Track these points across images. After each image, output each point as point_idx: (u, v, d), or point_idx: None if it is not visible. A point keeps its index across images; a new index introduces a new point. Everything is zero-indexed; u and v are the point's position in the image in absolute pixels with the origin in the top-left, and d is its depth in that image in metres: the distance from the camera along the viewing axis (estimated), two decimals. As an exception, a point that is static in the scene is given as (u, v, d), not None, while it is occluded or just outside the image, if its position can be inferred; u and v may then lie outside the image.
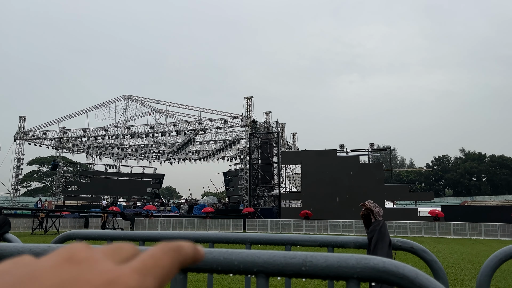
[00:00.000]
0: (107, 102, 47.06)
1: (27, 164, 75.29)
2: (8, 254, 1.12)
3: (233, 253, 1.01)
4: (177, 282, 1.10)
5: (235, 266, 1.00)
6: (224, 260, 1.01)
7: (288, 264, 0.97)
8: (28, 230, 28.55)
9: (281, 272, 0.98)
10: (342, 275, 0.96)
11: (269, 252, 1.00)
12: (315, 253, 0.99)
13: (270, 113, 42.67)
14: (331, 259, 0.96)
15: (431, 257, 1.89)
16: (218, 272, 1.02)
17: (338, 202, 32.97)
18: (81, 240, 2.34)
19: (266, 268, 0.98)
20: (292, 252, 1.00)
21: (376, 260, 0.94)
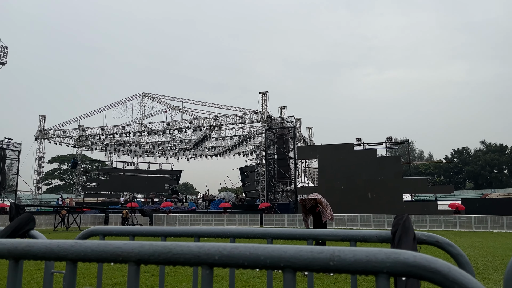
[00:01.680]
0: (124, 100, 47.63)
1: (48, 162, 76.85)
2: (37, 250, 1.14)
3: (259, 247, 1.00)
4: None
5: (262, 261, 0.99)
6: (250, 255, 1.00)
7: (315, 259, 0.96)
8: (51, 227, 29.20)
9: (308, 266, 0.97)
10: (371, 270, 0.94)
11: (295, 246, 0.99)
12: (343, 247, 0.98)
13: (286, 107, 42.55)
14: (359, 254, 0.94)
15: (457, 251, 1.85)
16: (244, 267, 1.02)
17: (355, 197, 32.71)
18: (103, 237, 2.38)
19: (293, 263, 0.97)
20: (319, 246, 0.99)
21: (407, 254, 0.92)
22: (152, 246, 1.05)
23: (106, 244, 1.08)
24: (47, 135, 47.24)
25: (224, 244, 1.03)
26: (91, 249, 1.08)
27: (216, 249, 1.01)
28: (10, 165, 45.75)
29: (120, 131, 44.61)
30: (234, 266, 1.02)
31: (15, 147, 46.23)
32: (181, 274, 8.51)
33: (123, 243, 1.08)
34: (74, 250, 1.10)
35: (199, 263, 1.03)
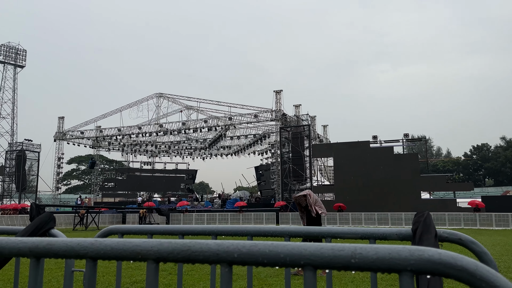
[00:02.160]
0: (140, 101, 48.16)
1: (67, 163, 78.27)
2: (57, 248, 1.15)
3: (278, 245, 0.99)
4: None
5: (281, 259, 0.98)
6: (269, 252, 0.99)
7: (336, 257, 0.94)
8: (70, 226, 29.72)
9: (329, 264, 0.95)
10: (394, 268, 0.91)
11: (316, 244, 0.97)
12: (364, 245, 0.95)
13: (300, 106, 42.37)
14: (382, 251, 0.92)
15: (480, 248, 1.81)
16: (264, 265, 1.00)
17: (372, 195, 32.38)
18: (122, 235, 2.40)
19: (313, 261, 0.96)
20: (340, 244, 0.97)
21: (431, 252, 0.89)
22: (171, 244, 1.05)
23: (125, 242, 1.08)
24: (66, 136, 48.09)
25: (243, 241, 1.02)
26: (110, 247, 1.09)
27: (235, 246, 1.00)
28: (30, 166, 46.74)
29: (137, 131, 45.11)
30: (253, 264, 1.01)
31: (35, 148, 47.22)
32: (198, 272, 8.55)
33: (142, 241, 1.08)
34: (94, 248, 1.10)
35: (218, 261, 1.02)
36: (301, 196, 9.17)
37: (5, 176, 45.22)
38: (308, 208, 9.08)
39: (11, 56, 70.14)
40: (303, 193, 9.27)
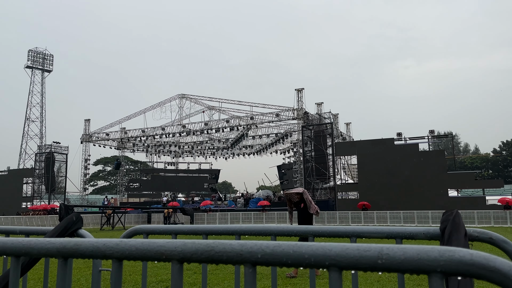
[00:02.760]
0: (163, 102, 48.84)
1: (93, 164, 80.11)
2: (84, 249, 1.17)
3: (302, 246, 0.97)
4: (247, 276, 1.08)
5: (306, 259, 0.96)
6: (293, 253, 0.97)
7: (362, 257, 0.92)
8: (97, 226, 30.43)
9: (355, 265, 0.93)
10: (423, 269, 0.89)
11: (341, 244, 0.95)
12: (392, 245, 0.93)
13: (322, 104, 42.03)
14: (410, 251, 0.89)
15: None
16: (288, 266, 0.99)
17: (397, 193, 31.82)
18: (147, 235, 2.43)
19: (339, 261, 0.94)
20: (366, 244, 0.94)
21: (462, 252, 0.86)
22: (194, 244, 1.05)
23: (150, 242, 1.09)
24: (92, 138, 49.23)
25: (266, 242, 1.01)
26: (135, 247, 1.10)
27: (259, 247, 1.00)
28: (59, 167, 48.09)
29: (160, 132, 45.77)
30: (277, 265, 1.00)
31: (62, 150, 48.55)
32: (222, 271, 8.60)
33: (166, 241, 1.08)
34: (120, 248, 1.11)
35: (241, 261, 1.01)
36: (294, 193, 9.09)
37: (35, 177, 46.67)
38: (301, 206, 8.95)
39: (38, 61, 72.42)
40: (298, 190, 9.17)
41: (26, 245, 1.24)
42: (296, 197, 9.02)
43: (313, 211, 8.81)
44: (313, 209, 8.80)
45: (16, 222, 27.95)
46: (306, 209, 8.89)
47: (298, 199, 9.02)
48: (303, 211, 8.94)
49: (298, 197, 9.00)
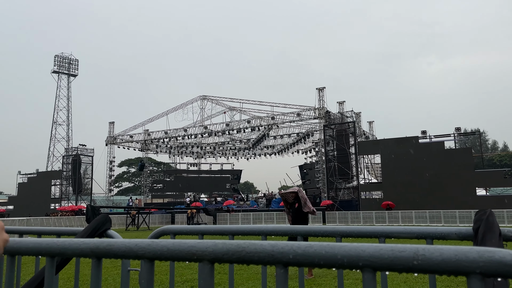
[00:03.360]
0: (185, 104, 49.34)
1: (118, 166, 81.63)
2: (117, 249, 1.19)
3: (335, 246, 0.96)
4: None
5: (338, 260, 0.95)
6: (326, 254, 0.96)
7: (397, 258, 0.90)
8: (123, 226, 30.98)
9: (390, 266, 0.91)
10: (462, 270, 0.86)
11: (374, 245, 0.94)
12: (428, 245, 0.91)
13: (344, 102, 41.60)
14: (447, 252, 0.87)
15: (552, 249, 1.67)
16: (320, 266, 0.98)
17: (422, 192, 31.18)
18: (174, 236, 2.45)
19: (372, 262, 0.92)
20: (401, 245, 0.92)
21: (502, 253, 0.83)
22: (225, 244, 1.05)
23: (180, 243, 1.10)
24: (116, 140, 50.21)
25: (298, 242, 1.01)
26: (167, 248, 1.11)
27: (290, 247, 0.99)
28: (85, 169, 49.25)
29: (183, 134, 46.28)
30: (309, 265, 0.99)
31: (88, 153, 49.70)
32: (246, 272, 8.62)
33: (197, 242, 1.09)
34: (151, 249, 1.13)
35: (273, 262, 1.01)
36: (289, 193, 8.82)
37: (63, 179, 47.93)
38: (295, 206, 8.72)
39: (64, 66, 74.32)
40: (293, 189, 8.90)
41: (61, 246, 1.27)
42: (291, 197, 8.79)
43: (308, 210, 8.55)
44: (308, 208, 8.55)
45: (45, 223, 28.75)
46: (301, 208, 8.64)
47: (293, 198, 8.79)
48: (298, 211, 8.69)
49: (293, 196, 8.77)
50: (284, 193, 9.01)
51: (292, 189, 8.99)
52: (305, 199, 8.64)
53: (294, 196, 8.79)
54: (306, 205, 8.56)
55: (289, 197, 8.83)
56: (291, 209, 8.91)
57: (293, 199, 8.81)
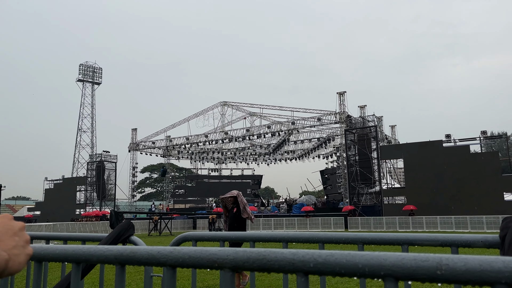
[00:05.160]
0: (205, 110, 49.80)
1: (141, 172, 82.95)
2: (140, 256, 1.21)
3: (356, 255, 0.95)
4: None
5: (360, 269, 0.94)
6: (347, 262, 0.96)
7: (420, 267, 0.89)
8: (145, 232, 31.39)
9: (412, 276, 0.90)
10: (487, 280, 0.84)
11: (396, 254, 0.93)
12: (451, 255, 0.89)
13: (365, 106, 41.15)
14: (471, 262, 0.85)
15: None
16: (341, 275, 0.98)
17: (447, 197, 30.46)
18: (196, 242, 2.47)
19: (394, 272, 0.91)
20: (424, 254, 0.91)
21: (530, 264, 0.81)
22: (246, 252, 1.06)
23: (202, 250, 1.11)
24: (139, 147, 51.04)
25: (318, 251, 1.00)
26: (188, 255, 1.12)
27: (311, 256, 0.99)
28: (109, 175, 50.18)
29: (204, 140, 46.68)
30: (330, 274, 0.98)
31: (112, 159, 50.65)
32: (268, 278, 8.59)
33: (218, 249, 1.10)
34: (173, 256, 1.14)
35: (294, 270, 1.01)
36: (228, 197, 8.35)
37: (87, 185, 48.97)
38: (233, 211, 8.25)
39: (88, 74, 76.26)
40: (232, 194, 8.43)
41: (86, 252, 1.30)
42: (230, 201, 8.35)
43: (247, 216, 8.15)
44: (247, 213, 8.14)
45: (71, 228, 29.42)
46: (239, 213, 8.19)
47: (232, 202, 8.35)
48: (236, 216, 8.22)
49: (232, 201, 8.34)
50: (223, 197, 8.54)
51: (230, 193, 8.55)
52: (244, 204, 8.24)
53: (232, 201, 8.35)
54: (245, 211, 8.16)
55: (228, 202, 8.41)
56: (229, 214, 8.45)
57: (232, 203, 8.38)
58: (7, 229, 0.65)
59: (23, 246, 0.67)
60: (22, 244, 0.67)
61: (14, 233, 0.65)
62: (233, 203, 8.36)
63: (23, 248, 0.66)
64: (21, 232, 0.68)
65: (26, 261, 0.68)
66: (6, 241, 0.64)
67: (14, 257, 0.63)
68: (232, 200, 8.35)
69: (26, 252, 0.68)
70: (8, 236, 0.64)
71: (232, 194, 8.43)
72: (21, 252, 0.65)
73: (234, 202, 8.35)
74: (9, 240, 0.64)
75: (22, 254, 0.66)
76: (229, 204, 8.42)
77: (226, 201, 8.43)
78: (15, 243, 0.65)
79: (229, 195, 8.44)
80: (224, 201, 8.47)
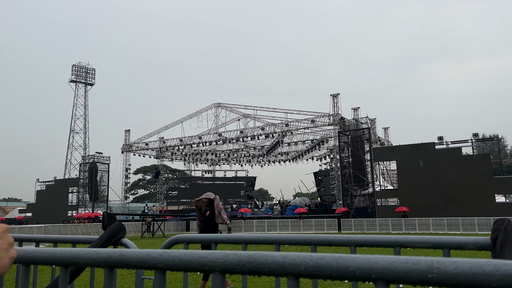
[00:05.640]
0: (199, 111, 49.70)
1: (133, 173, 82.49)
2: (129, 259, 1.19)
3: (347, 258, 0.95)
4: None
5: (351, 273, 0.93)
6: (338, 266, 0.95)
7: (411, 271, 0.88)
8: (138, 233, 31.20)
9: (403, 279, 0.89)
10: (478, 284, 0.84)
11: (388, 257, 0.92)
12: (443, 258, 0.88)
13: (359, 108, 41.34)
14: (462, 265, 0.85)
15: None
16: (332, 278, 0.97)
17: (440, 199, 30.66)
18: (187, 244, 2.45)
19: (386, 275, 0.90)
20: (415, 257, 0.90)
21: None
22: (236, 255, 1.05)
23: (192, 253, 1.10)
24: (132, 148, 50.78)
25: (309, 254, 0.99)
26: (178, 258, 1.11)
27: (302, 259, 0.98)
28: (101, 177, 49.84)
29: (197, 141, 46.57)
30: (321, 277, 0.97)
31: (105, 160, 50.32)
32: (261, 280, 8.57)
33: (208, 252, 1.09)
34: (163, 259, 1.13)
35: (284, 273, 1.00)
36: (203, 198, 8.10)
37: (80, 187, 48.60)
38: (207, 214, 7.99)
39: (81, 75, 75.78)
40: (209, 196, 8.14)
41: (74, 255, 1.28)
42: (205, 203, 8.09)
43: (221, 221, 7.90)
44: (222, 219, 7.89)
45: (62, 230, 29.16)
46: (212, 216, 7.92)
47: (206, 205, 8.08)
48: (209, 219, 7.94)
49: (206, 203, 8.07)
50: (198, 199, 8.29)
51: (206, 195, 8.26)
52: (220, 209, 7.98)
53: (207, 203, 8.09)
54: (219, 216, 7.91)
55: (202, 204, 8.15)
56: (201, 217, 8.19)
57: (206, 206, 8.11)
58: None
59: (6, 249, 0.66)
60: (6, 247, 0.65)
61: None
62: (207, 205, 8.10)
63: (6, 251, 0.65)
64: (4, 235, 0.66)
65: (9, 264, 0.66)
66: None
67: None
68: (206, 202, 8.10)
69: (9, 255, 0.67)
70: None
71: (208, 196, 8.17)
72: (4, 255, 0.65)
73: (209, 205, 8.09)
74: None
75: (5, 257, 0.65)
76: (203, 206, 8.16)
77: (200, 203, 8.17)
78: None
79: (205, 197, 8.17)
80: (199, 203, 8.20)
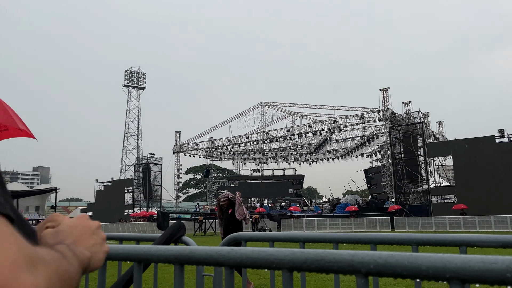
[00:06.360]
0: (246, 111, 50.18)
1: (185, 173, 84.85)
2: (198, 256, 1.25)
3: (418, 256, 0.94)
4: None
5: (423, 271, 0.92)
6: (409, 264, 0.94)
7: (488, 270, 0.86)
8: (190, 232, 32.06)
9: (480, 278, 0.87)
10: None
11: (462, 256, 0.90)
12: (523, 257, 0.85)
13: (410, 102, 39.83)
14: (544, 265, 0.81)
15: None
16: (403, 277, 0.96)
17: (502, 196, 28.86)
18: (245, 242, 2.50)
19: (460, 274, 0.89)
20: (491, 256, 0.88)
21: None
22: (303, 253, 1.07)
23: (260, 251, 1.13)
24: (182, 149, 52.27)
25: (378, 252, 0.99)
26: (246, 255, 1.15)
27: (371, 257, 0.98)
28: (155, 177, 51.78)
29: (245, 140, 47.06)
30: (391, 276, 0.97)
31: (157, 161, 52.23)
32: (314, 278, 8.52)
33: (275, 250, 1.12)
34: (231, 256, 1.17)
35: (353, 271, 1.00)
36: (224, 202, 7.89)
37: (135, 187, 50.77)
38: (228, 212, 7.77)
39: (133, 80, 79.04)
40: (227, 196, 7.93)
41: (147, 252, 1.36)
42: (226, 204, 7.89)
43: (240, 216, 7.67)
44: (240, 214, 7.66)
45: (120, 229, 30.59)
46: (234, 214, 7.72)
47: (226, 204, 7.89)
48: (230, 217, 7.75)
49: (226, 203, 7.88)
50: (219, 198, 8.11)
51: (225, 195, 8.07)
52: (239, 203, 7.77)
53: (227, 204, 7.89)
54: (238, 210, 7.67)
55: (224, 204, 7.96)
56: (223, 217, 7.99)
57: (227, 205, 7.91)
58: (86, 228, 0.70)
59: (101, 244, 0.72)
60: (100, 242, 0.71)
61: (92, 232, 0.70)
62: (227, 204, 7.98)
63: (101, 246, 0.71)
64: (98, 231, 0.72)
65: (104, 257, 0.72)
66: (86, 240, 0.68)
67: (94, 254, 0.67)
68: (227, 203, 7.97)
69: (103, 249, 0.73)
70: (87, 235, 0.69)
71: (226, 197, 8.04)
72: (99, 250, 0.70)
73: (230, 205, 7.97)
74: (89, 239, 0.68)
75: (100, 251, 0.70)
76: (224, 205, 8.04)
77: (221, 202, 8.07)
78: (94, 241, 0.69)
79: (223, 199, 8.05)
80: (219, 202, 8.13)
